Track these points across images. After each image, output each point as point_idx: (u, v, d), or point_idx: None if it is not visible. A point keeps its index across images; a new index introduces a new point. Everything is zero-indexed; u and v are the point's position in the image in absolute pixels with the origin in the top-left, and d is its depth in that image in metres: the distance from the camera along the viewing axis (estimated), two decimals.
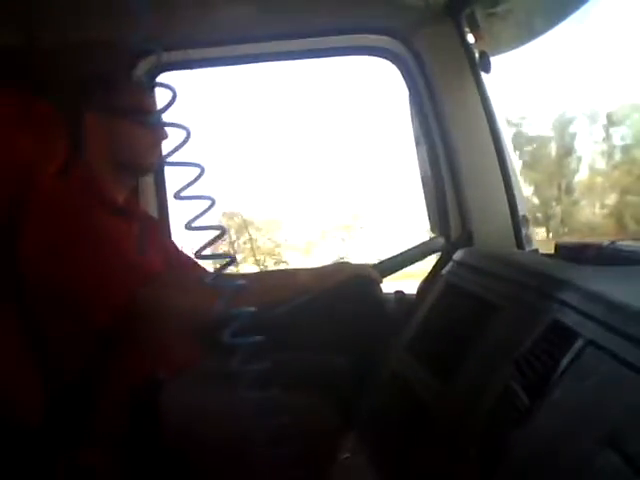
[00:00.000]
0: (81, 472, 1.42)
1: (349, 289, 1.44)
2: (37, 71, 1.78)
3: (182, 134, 0.86)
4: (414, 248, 1.70)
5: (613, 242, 1.27)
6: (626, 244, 1.30)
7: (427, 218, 2.04)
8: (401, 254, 1.73)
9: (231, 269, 1.01)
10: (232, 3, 1.83)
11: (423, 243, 1.70)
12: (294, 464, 1.12)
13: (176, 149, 0.88)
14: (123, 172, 1.59)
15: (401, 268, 1.67)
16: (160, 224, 1.87)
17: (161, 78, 2.03)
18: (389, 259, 1.75)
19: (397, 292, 1.78)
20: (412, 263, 1.56)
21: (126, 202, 1.62)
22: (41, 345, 1.47)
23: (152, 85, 1.78)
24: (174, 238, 1.90)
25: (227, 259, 0.93)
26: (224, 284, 0.94)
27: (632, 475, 0.60)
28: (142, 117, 1.55)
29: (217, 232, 0.86)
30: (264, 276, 1.50)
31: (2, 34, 1.77)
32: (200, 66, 2.11)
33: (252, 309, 0.99)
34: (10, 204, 1.47)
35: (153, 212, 1.97)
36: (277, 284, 1.45)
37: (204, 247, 0.89)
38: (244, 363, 0.99)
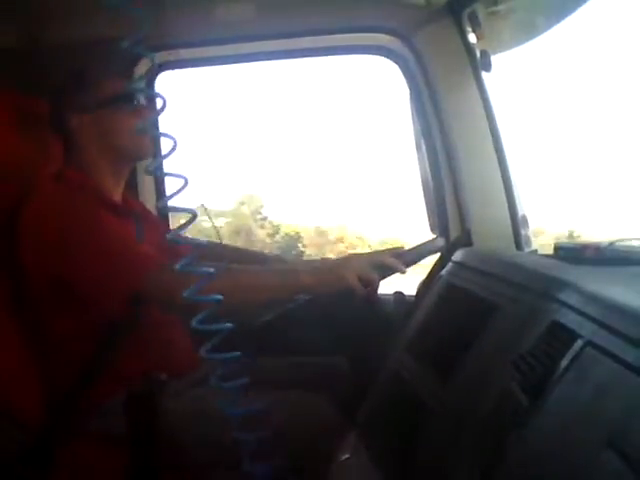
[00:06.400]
0: (80, 471, 1.42)
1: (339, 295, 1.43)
2: (37, 71, 1.78)
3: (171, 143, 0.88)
4: (413, 249, 1.69)
5: (612, 243, 1.27)
6: (625, 244, 1.30)
7: (426, 218, 2.04)
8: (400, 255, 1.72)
9: None
10: (232, 2, 1.83)
11: (422, 243, 1.70)
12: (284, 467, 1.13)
13: (164, 157, 0.89)
14: (119, 162, 1.58)
15: None
16: (158, 219, 1.87)
17: (161, 77, 2.03)
18: None
19: (396, 293, 1.78)
20: (411, 264, 1.55)
21: (123, 200, 1.62)
22: (42, 344, 1.47)
23: (147, 92, 1.78)
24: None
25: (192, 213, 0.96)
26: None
27: (632, 476, 0.60)
28: (125, 102, 1.55)
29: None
30: (268, 272, 1.50)
31: (2, 34, 1.77)
32: (200, 65, 2.11)
33: (230, 324, 1.00)
34: (10, 204, 1.47)
35: (153, 212, 1.96)
36: (280, 283, 1.43)
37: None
38: (223, 378, 1.00)
